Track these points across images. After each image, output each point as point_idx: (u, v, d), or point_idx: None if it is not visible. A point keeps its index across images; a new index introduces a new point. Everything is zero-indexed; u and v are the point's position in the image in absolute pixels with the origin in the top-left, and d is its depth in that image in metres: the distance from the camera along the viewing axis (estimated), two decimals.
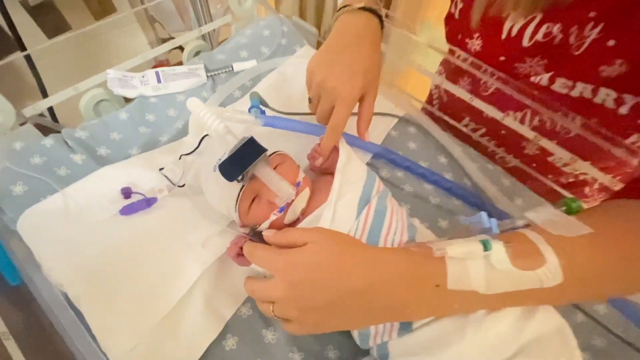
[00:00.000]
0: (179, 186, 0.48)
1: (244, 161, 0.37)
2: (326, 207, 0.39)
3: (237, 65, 0.63)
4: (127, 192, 0.46)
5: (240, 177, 0.38)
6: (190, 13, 0.92)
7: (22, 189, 0.45)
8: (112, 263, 0.41)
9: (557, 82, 0.49)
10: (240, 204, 0.41)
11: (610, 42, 0.42)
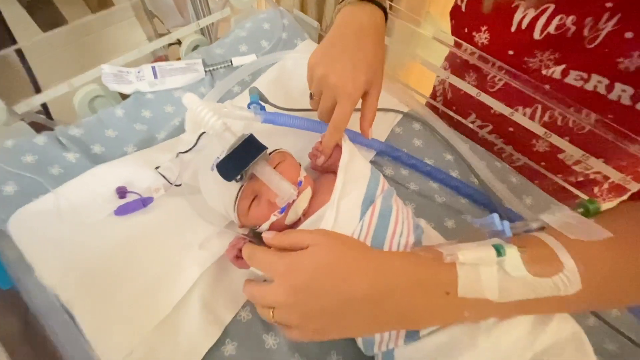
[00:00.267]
0: (175, 185, 0.47)
1: (242, 160, 0.36)
2: (328, 207, 0.38)
3: (236, 60, 0.62)
4: (122, 192, 0.45)
5: (238, 177, 0.37)
6: (189, 8, 0.90)
7: (13, 188, 0.44)
8: (107, 265, 0.40)
9: (571, 75, 0.47)
10: (239, 205, 0.40)
11: (628, 34, 0.40)
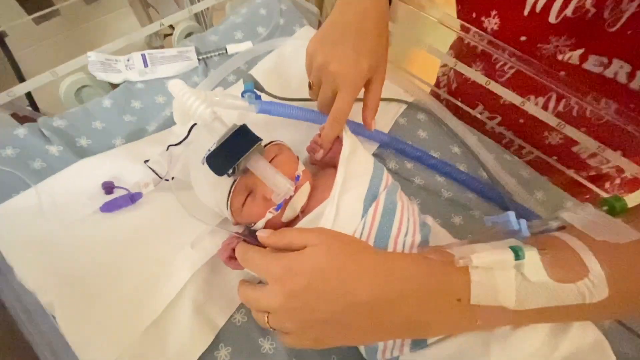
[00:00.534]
0: (165, 180, 0.45)
1: (235, 153, 0.34)
2: (328, 204, 0.36)
3: (231, 47, 0.60)
4: (108, 187, 0.43)
5: (231, 171, 0.34)
6: None
7: None
8: (91, 266, 0.39)
9: (590, 60, 0.44)
10: (232, 201, 0.38)
11: None
